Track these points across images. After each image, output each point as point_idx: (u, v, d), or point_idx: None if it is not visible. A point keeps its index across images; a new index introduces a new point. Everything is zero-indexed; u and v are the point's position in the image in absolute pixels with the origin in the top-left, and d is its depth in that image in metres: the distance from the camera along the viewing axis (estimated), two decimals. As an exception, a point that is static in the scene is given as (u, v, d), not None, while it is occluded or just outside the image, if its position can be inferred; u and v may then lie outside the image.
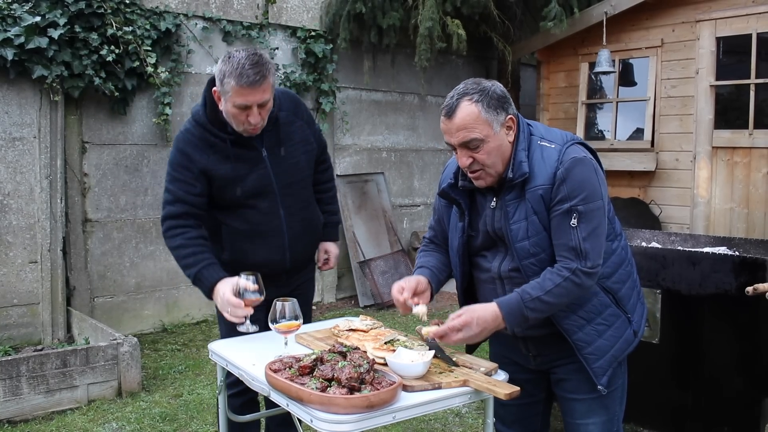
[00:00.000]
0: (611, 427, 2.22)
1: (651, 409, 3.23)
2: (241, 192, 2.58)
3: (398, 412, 1.77)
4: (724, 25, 5.79)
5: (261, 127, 2.52)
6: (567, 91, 7.06)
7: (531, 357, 2.24)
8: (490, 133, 2.00)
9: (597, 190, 2.00)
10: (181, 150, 2.56)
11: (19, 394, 3.79)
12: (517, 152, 2.04)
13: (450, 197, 2.19)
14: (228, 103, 2.43)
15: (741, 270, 2.89)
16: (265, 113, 2.48)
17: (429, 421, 3.81)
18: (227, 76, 2.37)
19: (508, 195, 2.06)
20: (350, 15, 6.25)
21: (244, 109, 2.41)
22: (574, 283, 1.97)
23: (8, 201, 4.86)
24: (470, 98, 1.99)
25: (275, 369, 1.88)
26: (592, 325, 2.07)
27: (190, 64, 5.73)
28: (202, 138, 2.55)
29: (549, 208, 2.00)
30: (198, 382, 4.44)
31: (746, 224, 5.73)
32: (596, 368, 2.07)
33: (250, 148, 2.57)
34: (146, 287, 5.63)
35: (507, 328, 2.00)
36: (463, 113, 1.99)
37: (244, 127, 2.47)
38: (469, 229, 2.17)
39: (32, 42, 4.65)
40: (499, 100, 2.01)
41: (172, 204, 2.57)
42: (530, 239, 2.02)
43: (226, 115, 2.49)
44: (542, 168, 2.01)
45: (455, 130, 2.01)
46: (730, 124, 5.89)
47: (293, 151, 2.66)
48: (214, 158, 2.54)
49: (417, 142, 7.49)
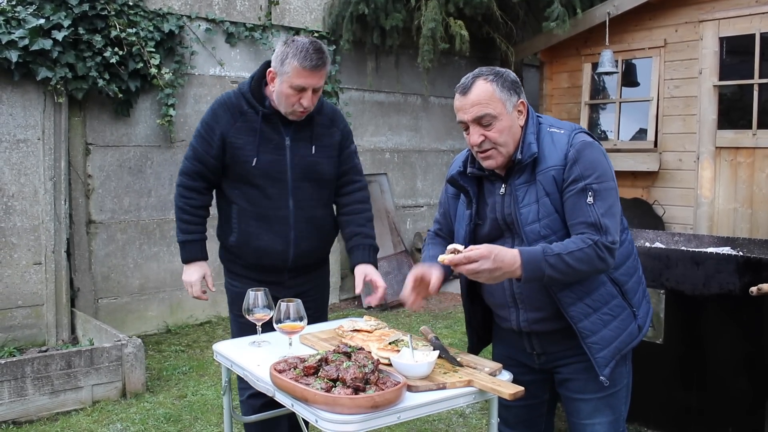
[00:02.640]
0: (617, 427, 2.22)
1: (655, 410, 3.23)
2: (253, 168, 2.60)
3: (403, 412, 1.77)
4: (728, 25, 5.79)
5: (307, 113, 2.58)
6: (570, 92, 7.06)
7: (535, 356, 2.24)
8: (503, 112, 2.05)
9: (609, 171, 2.06)
10: (214, 111, 2.66)
11: (24, 395, 3.80)
12: (526, 135, 2.08)
13: (458, 184, 2.21)
14: (284, 83, 2.49)
15: (745, 270, 2.89)
16: (315, 100, 2.56)
17: (433, 422, 3.81)
18: (290, 57, 2.46)
19: (518, 179, 2.08)
20: (353, 16, 6.26)
21: (300, 91, 2.49)
22: (597, 254, 1.97)
23: (12, 203, 4.87)
24: (485, 78, 2.05)
25: (280, 369, 1.89)
26: (598, 314, 2.07)
27: (193, 66, 5.74)
28: (236, 104, 2.64)
29: (561, 189, 2.03)
30: (202, 383, 4.44)
31: (750, 224, 5.73)
32: (599, 358, 2.07)
33: (276, 131, 2.62)
34: (150, 288, 5.64)
35: (522, 277, 1.95)
36: (478, 90, 2.04)
37: (294, 108, 2.53)
38: (476, 217, 2.19)
39: (36, 44, 4.67)
40: (512, 84, 2.08)
41: (190, 160, 2.70)
42: (541, 221, 2.04)
43: (278, 96, 2.55)
44: (553, 151, 2.05)
45: (469, 105, 2.05)
46: (733, 125, 5.88)
47: (319, 152, 2.69)
48: (239, 126, 2.61)
49: (420, 143, 7.49)
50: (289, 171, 2.64)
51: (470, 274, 1.95)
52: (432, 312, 6.35)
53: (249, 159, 2.60)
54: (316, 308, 2.81)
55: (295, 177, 2.65)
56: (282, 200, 2.65)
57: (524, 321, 2.16)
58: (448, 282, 2.36)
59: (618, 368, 2.17)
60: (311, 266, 2.84)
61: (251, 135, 2.61)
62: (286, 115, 2.59)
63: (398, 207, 7.22)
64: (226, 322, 5.90)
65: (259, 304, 2.26)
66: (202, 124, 2.68)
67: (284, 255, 2.68)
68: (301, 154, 2.66)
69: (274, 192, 2.64)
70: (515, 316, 2.17)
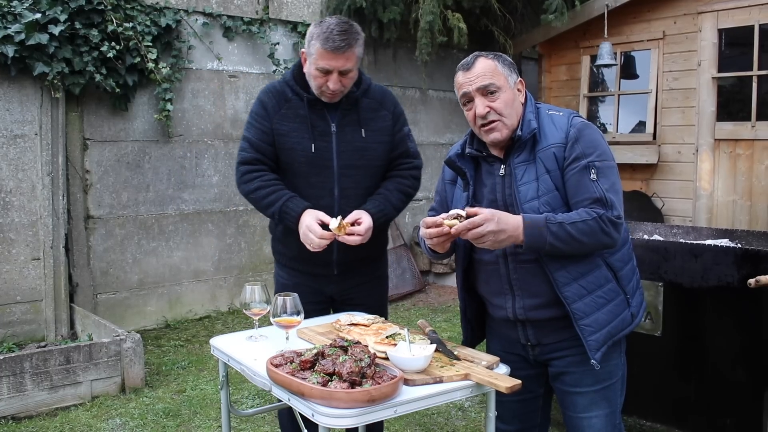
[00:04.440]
0: (614, 420, 2.22)
1: (654, 402, 3.24)
2: (299, 155, 2.55)
3: (399, 406, 1.77)
4: (726, 16, 5.76)
5: (340, 96, 2.54)
6: (568, 85, 7.05)
7: (529, 347, 2.24)
8: (506, 85, 2.12)
9: (609, 152, 2.12)
10: (260, 99, 2.63)
11: (23, 390, 3.80)
12: (525, 113, 2.14)
13: (455, 166, 2.23)
14: (312, 65, 2.48)
15: (743, 262, 2.88)
16: (347, 82, 2.51)
17: (432, 415, 3.81)
18: (315, 38, 2.44)
19: (517, 157, 2.11)
20: (350, 9, 6.24)
21: (326, 73, 2.46)
22: (601, 228, 2.00)
23: (10, 198, 4.86)
24: (486, 56, 2.14)
25: (276, 364, 1.88)
26: (593, 297, 2.08)
27: (190, 60, 5.72)
28: (281, 92, 2.61)
29: (562, 167, 2.06)
30: (201, 377, 4.45)
31: (749, 216, 5.72)
32: (591, 342, 2.07)
33: (322, 118, 2.57)
34: (149, 283, 5.64)
35: (524, 243, 1.97)
36: (481, 64, 2.12)
37: (322, 90, 2.50)
38: (472, 200, 2.20)
39: (33, 39, 4.65)
40: (511, 64, 2.17)
41: (246, 150, 2.63)
42: (540, 198, 2.06)
43: (308, 77, 2.54)
44: (553, 130, 2.10)
45: (474, 77, 2.10)
46: (732, 116, 5.87)
47: (369, 136, 2.61)
48: (284, 113, 2.58)
49: (419, 136, 7.47)
50: (335, 158, 2.56)
51: (475, 238, 1.97)
52: (431, 306, 6.35)
53: (294, 146, 2.55)
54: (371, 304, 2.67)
55: (341, 164, 2.57)
56: (326, 189, 2.56)
57: (520, 308, 2.16)
58: (447, 276, 2.36)
59: (613, 360, 2.17)
60: (361, 261, 2.68)
61: (296, 122, 2.56)
62: (318, 97, 2.54)
63: (397, 201, 7.20)
64: (225, 316, 5.90)
65: (256, 298, 2.25)
66: (251, 115, 2.64)
67: (328, 247, 2.50)
68: (348, 139, 2.58)
69: (318, 180, 2.56)
70: (511, 304, 2.18)
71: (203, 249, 5.92)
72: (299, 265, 2.67)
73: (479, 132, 2.15)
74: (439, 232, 2.03)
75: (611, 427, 2.21)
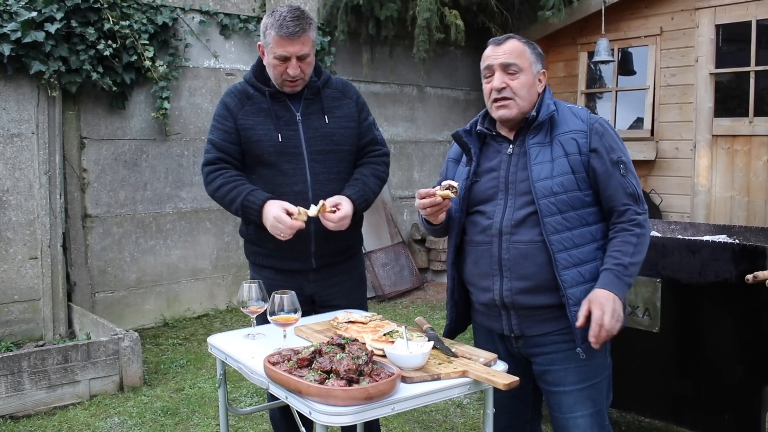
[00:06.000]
0: (600, 420, 2.21)
1: (651, 398, 3.24)
2: (267, 146, 2.57)
3: (397, 403, 1.76)
4: (724, 12, 5.76)
5: (301, 84, 2.58)
6: (566, 81, 7.04)
7: (513, 338, 2.24)
8: (528, 70, 2.19)
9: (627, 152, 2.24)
10: (222, 101, 2.67)
11: (21, 389, 3.79)
12: (544, 98, 2.21)
13: (461, 141, 2.30)
14: (270, 54, 2.52)
15: (741, 258, 2.88)
16: (306, 68, 2.55)
17: (430, 413, 3.81)
18: (269, 27, 2.50)
19: (533, 138, 2.18)
20: (348, 7, 6.23)
21: (284, 60, 2.50)
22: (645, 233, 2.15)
23: (7, 197, 4.86)
24: (519, 39, 2.22)
25: (274, 362, 1.88)
26: (588, 285, 2.12)
27: (187, 58, 5.71)
28: (242, 91, 2.65)
29: (583, 153, 2.14)
30: (199, 376, 4.44)
31: (747, 212, 5.72)
32: (580, 330, 2.08)
33: (285, 108, 2.62)
34: (147, 282, 5.63)
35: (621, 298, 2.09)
36: (511, 44, 2.20)
37: (283, 78, 2.54)
38: (473, 175, 2.25)
39: (29, 37, 4.64)
40: (539, 55, 2.24)
41: (209, 152, 2.67)
42: (554, 179, 2.12)
43: (269, 69, 2.58)
44: (574, 118, 2.19)
45: (501, 53, 2.18)
46: (730, 112, 5.87)
47: (333, 122, 2.66)
48: (248, 109, 2.61)
49: (416, 133, 7.47)
50: (304, 144, 2.60)
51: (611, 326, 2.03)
52: (429, 303, 6.35)
53: (261, 137, 2.58)
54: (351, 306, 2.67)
55: (311, 150, 2.60)
56: (299, 175, 2.59)
57: (507, 290, 2.16)
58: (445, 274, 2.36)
59: (597, 358, 2.18)
60: (340, 253, 2.70)
61: (260, 115, 2.60)
62: (280, 88, 2.59)
63: (395, 198, 7.21)
64: (223, 315, 5.90)
65: (253, 296, 2.25)
66: (214, 118, 2.68)
67: (306, 237, 2.53)
68: (314, 126, 2.62)
69: (290, 168, 2.59)
70: (498, 285, 2.18)
71: (201, 247, 5.91)
72: (277, 263, 2.66)
73: (491, 107, 2.22)
74: (432, 201, 2.13)
75: (598, 427, 2.20)
